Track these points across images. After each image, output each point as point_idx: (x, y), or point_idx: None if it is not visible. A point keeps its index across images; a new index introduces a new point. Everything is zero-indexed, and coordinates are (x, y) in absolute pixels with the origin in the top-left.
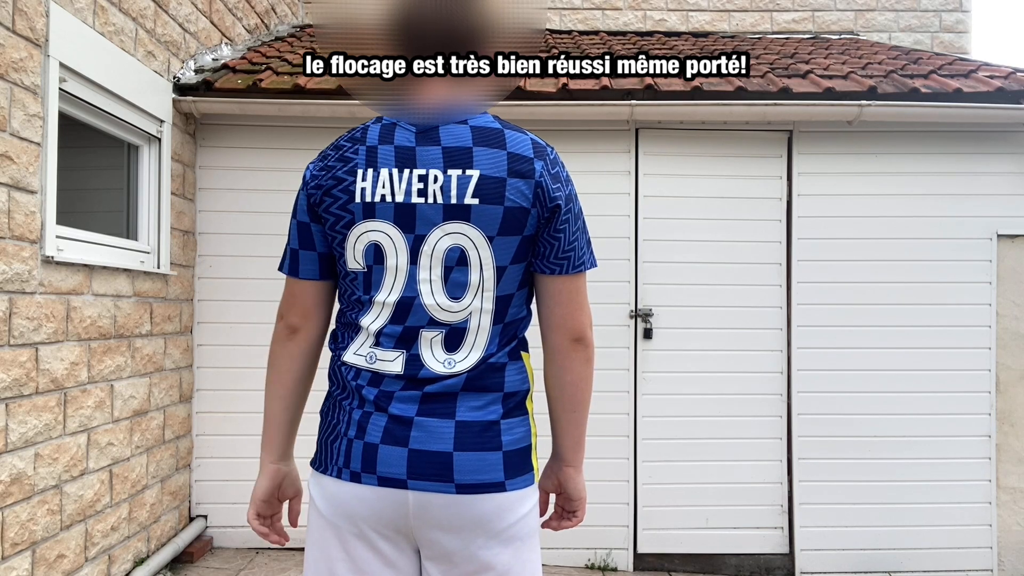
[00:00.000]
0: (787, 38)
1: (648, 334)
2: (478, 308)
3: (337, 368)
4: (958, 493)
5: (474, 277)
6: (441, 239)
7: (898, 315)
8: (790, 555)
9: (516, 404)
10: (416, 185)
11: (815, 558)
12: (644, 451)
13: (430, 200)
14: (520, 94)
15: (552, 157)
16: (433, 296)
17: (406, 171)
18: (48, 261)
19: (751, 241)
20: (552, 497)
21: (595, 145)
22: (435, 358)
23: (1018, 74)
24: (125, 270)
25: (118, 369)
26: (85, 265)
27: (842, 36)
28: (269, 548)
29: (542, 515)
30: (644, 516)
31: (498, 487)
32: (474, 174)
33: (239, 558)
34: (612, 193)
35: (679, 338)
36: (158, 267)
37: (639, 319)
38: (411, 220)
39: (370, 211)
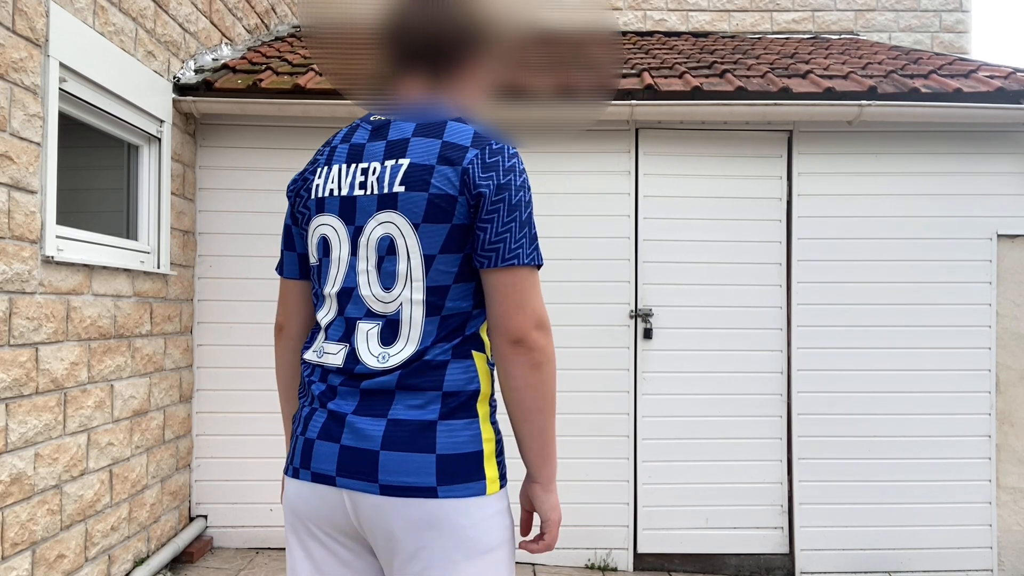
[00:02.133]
0: (787, 38)
1: (648, 334)
2: (408, 298)
3: (303, 367)
4: (958, 493)
5: (402, 266)
6: (375, 229)
7: (898, 315)
8: (790, 555)
9: (459, 405)
10: (359, 178)
11: (815, 558)
12: (644, 451)
13: (368, 191)
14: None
15: (495, 148)
16: (369, 287)
17: (353, 166)
18: (48, 261)
19: (751, 241)
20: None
21: (595, 145)
22: (370, 352)
23: (1018, 74)
24: (125, 270)
25: (118, 369)
26: (85, 265)
27: (842, 36)
28: (269, 548)
29: (526, 534)
30: (644, 516)
31: (428, 492)
32: (404, 163)
33: (239, 558)
34: (612, 193)
35: (679, 338)
36: (158, 267)
37: (639, 319)
38: (352, 212)
39: (320, 206)
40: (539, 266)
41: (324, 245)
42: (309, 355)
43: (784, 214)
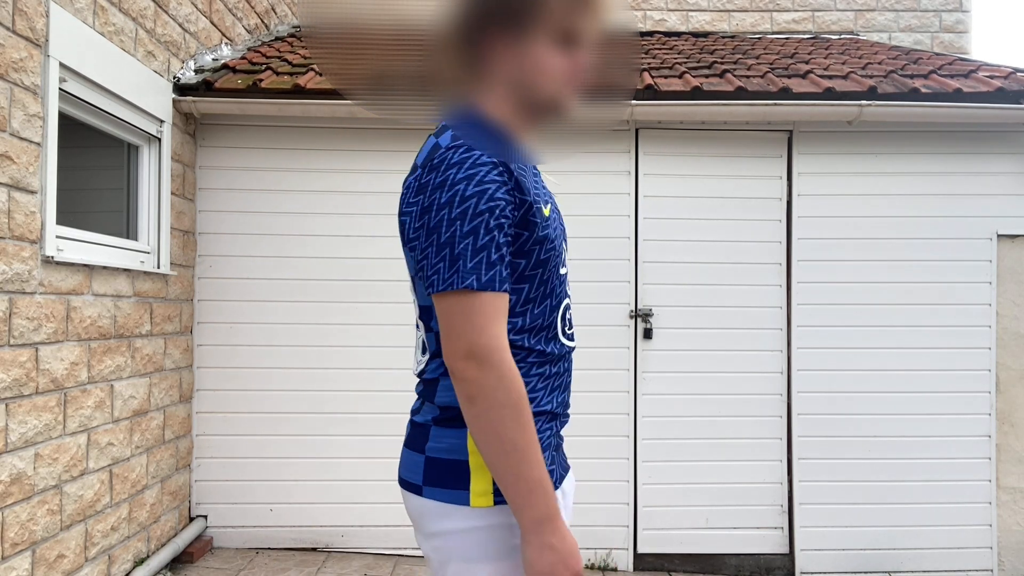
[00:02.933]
0: (787, 38)
1: (648, 334)
2: (417, 315)
3: None
4: (958, 493)
5: (412, 285)
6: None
7: (898, 315)
8: (790, 555)
9: (453, 416)
10: None
11: (815, 558)
12: (644, 451)
13: None
14: None
15: (435, 163)
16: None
17: None
18: (48, 261)
19: (751, 241)
20: None
21: (595, 145)
22: (415, 358)
23: (1018, 74)
24: (125, 270)
25: (118, 369)
26: (85, 265)
27: (842, 36)
28: (269, 548)
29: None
30: (644, 516)
31: (416, 489)
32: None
33: (239, 558)
34: (612, 193)
35: (679, 338)
36: (158, 267)
37: (639, 319)
38: None
39: None
40: (473, 289)
41: None
42: None
43: (784, 214)
